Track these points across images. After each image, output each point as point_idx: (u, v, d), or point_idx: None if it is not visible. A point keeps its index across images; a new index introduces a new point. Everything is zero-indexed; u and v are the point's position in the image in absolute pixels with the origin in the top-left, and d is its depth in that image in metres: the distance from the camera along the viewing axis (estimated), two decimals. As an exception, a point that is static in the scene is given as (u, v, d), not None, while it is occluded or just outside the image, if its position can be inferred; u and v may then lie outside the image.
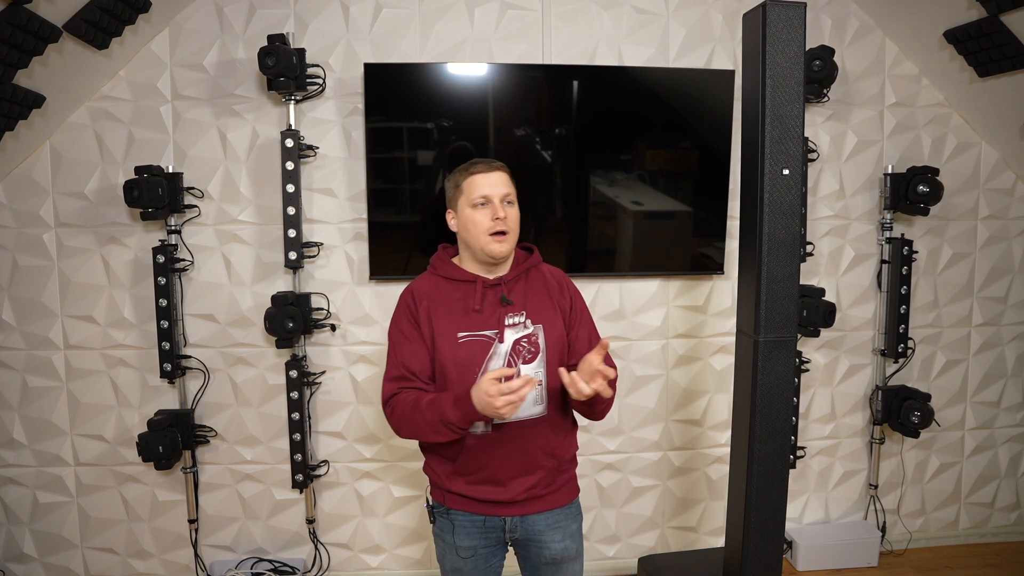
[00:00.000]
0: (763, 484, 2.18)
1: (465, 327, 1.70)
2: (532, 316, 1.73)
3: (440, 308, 1.72)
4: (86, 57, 2.48)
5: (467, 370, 1.68)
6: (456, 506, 1.79)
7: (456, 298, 1.73)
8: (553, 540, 1.80)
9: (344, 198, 2.80)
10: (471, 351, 1.69)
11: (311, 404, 2.86)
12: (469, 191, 1.72)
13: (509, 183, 1.75)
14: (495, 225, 1.69)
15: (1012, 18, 2.47)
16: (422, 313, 1.72)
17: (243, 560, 2.94)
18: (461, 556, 1.79)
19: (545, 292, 1.79)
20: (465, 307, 1.72)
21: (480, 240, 1.71)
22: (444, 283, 1.76)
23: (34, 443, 2.84)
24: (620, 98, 2.79)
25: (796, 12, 2.03)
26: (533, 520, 1.79)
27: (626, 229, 2.89)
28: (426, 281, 1.79)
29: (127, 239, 2.77)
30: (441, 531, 1.83)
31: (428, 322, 1.72)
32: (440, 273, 1.78)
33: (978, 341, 3.21)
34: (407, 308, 1.75)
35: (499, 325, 1.70)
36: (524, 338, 1.71)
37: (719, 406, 3.06)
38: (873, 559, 3.09)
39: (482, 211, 1.70)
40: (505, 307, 1.72)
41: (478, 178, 1.72)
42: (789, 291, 2.13)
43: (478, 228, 1.70)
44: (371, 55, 2.73)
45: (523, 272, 1.79)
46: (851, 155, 3.01)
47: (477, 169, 1.73)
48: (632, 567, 3.03)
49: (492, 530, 1.79)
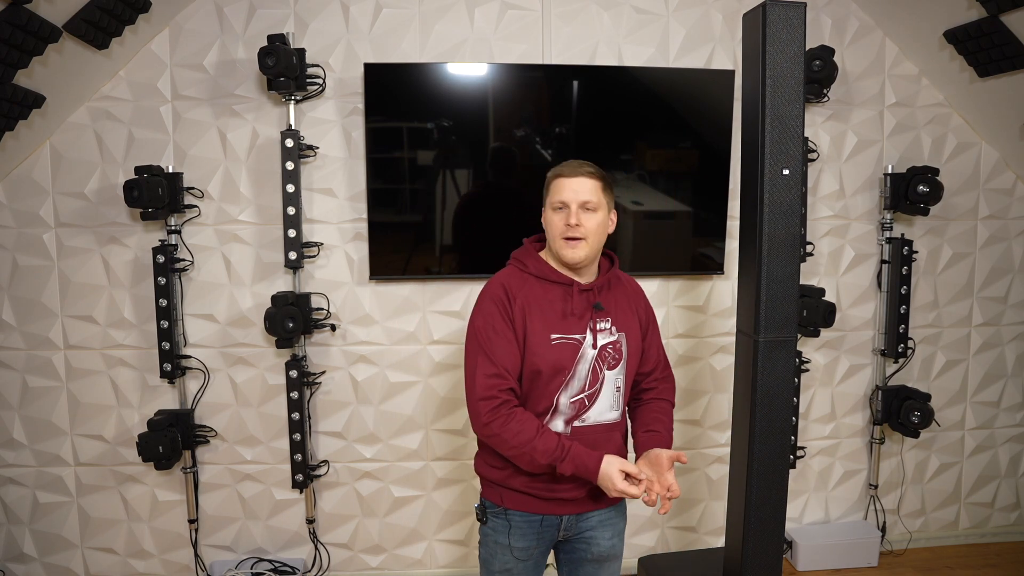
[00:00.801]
0: (763, 484, 2.18)
1: (559, 329, 1.70)
2: (617, 323, 1.77)
3: (535, 307, 1.71)
4: (86, 57, 2.48)
5: (558, 371, 1.69)
6: (514, 506, 1.77)
7: (551, 299, 1.72)
8: (603, 537, 1.82)
9: (344, 198, 2.80)
10: (562, 353, 1.70)
11: (311, 404, 2.86)
12: (553, 192, 1.72)
13: (594, 189, 1.71)
14: (566, 231, 1.69)
15: (1012, 18, 2.47)
16: (516, 309, 1.70)
17: (243, 560, 2.94)
18: (517, 557, 1.79)
19: (627, 301, 1.82)
20: (561, 309, 1.72)
21: (555, 243, 1.72)
22: (536, 281, 1.74)
23: (34, 443, 2.84)
24: (620, 98, 2.79)
25: (796, 12, 2.03)
26: (587, 517, 1.80)
27: (626, 229, 2.89)
28: (516, 277, 1.76)
29: (127, 239, 2.77)
30: (494, 531, 1.80)
31: (522, 319, 1.69)
32: (531, 271, 1.75)
33: (978, 341, 3.21)
34: (500, 302, 1.71)
35: (588, 330, 1.72)
36: (610, 345, 1.74)
37: (719, 406, 3.06)
38: (873, 559, 3.09)
39: (559, 215, 1.70)
40: (596, 313, 1.74)
41: (561, 181, 1.71)
42: (789, 291, 2.13)
43: (553, 231, 1.72)
44: (371, 55, 2.73)
45: (609, 279, 1.80)
46: (851, 155, 3.01)
47: (563, 172, 1.72)
48: (632, 567, 3.02)
49: (548, 529, 1.79)
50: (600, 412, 1.75)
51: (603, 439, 1.76)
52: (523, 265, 1.77)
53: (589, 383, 1.72)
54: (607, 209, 1.75)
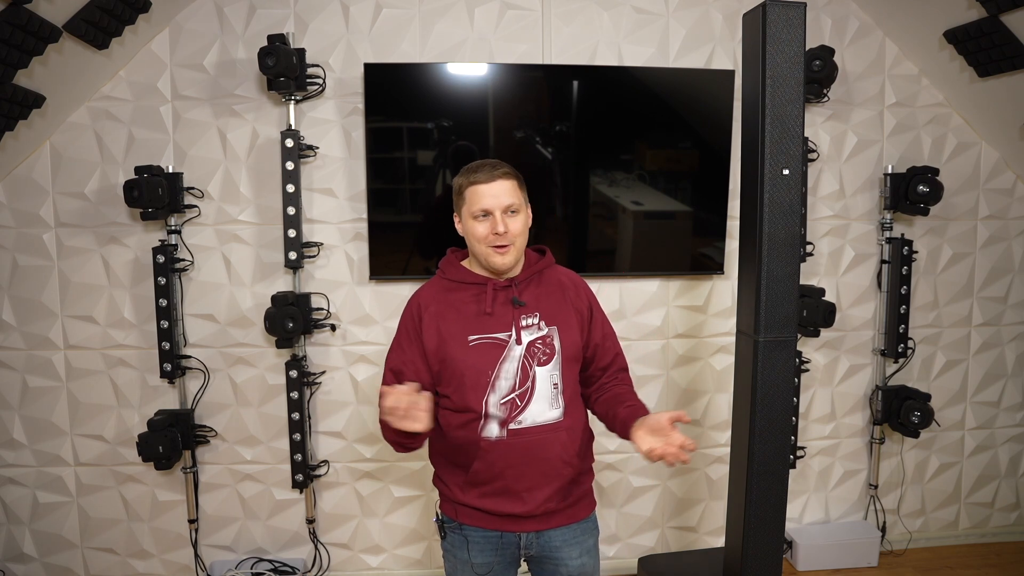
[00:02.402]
0: (763, 484, 2.19)
1: (476, 330, 1.67)
2: (546, 318, 1.70)
3: (450, 312, 1.69)
4: (86, 57, 2.48)
5: (481, 373, 1.65)
6: (469, 521, 1.72)
7: (466, 301, 1.70)
8: (570, 557, 1.75)
9: (344, 198, 2.80)
10: (483, 353, 1.66)
11: (311, 404, 2.86)
12: (471, 201, 1.65)
13: (513, 191, 1.66)
14: (495, 239, 1.64)
15: (1012, 18, 2.47)
16: (427, 321, 1.69)
17: (243, 560, 2.94)
18: (478, 573, 1.74)
19: (560, 294, 1.76)
20: (476, 310, 1.68)
21: (481, 251, 1.67)
22: (454, 286, 1.72)
23: (34, 443, 2.84)
24: (620, 98, 2.79)
25: (796, 12, 2.03)
26: (549, 536, 1.74)
27: (626, 229, 2.89)
28: (435, 286, 1.76)
29: (127, 239, 2.77)
30: (453, 547, 1.77)
31: (435, 328, 1.68)
32: (449, 276, 1.74)
33: (978, 341, 3.21)
34: (410, 318, 1.72)
35: (513, 327, 1.67)
36: (539, 340, 1.68)
37: (719, 406, 3.06)
38: (873, 559, 3.09)
39: (483, 223, 1.65)
40: (518, 309, 1.69)
41: (479, 188, 1.64)
42: (789, 291, 2.13)
43: (478, 240, 1.66)
44: (371, 55, 2.73)
45: (535, 273, 1.75)
46: (851, 155, 3.01)
47: (478, 178, 1.65)
48: (632, 567, 3.02)
49: (507, 546, 1.74)
50: (537, 412, 1.66)
51: (545, 441, 1.67)
52: (443, 273, 1.77)
53: (519, 382, 1.65)
54: (526, 206, 1.71)
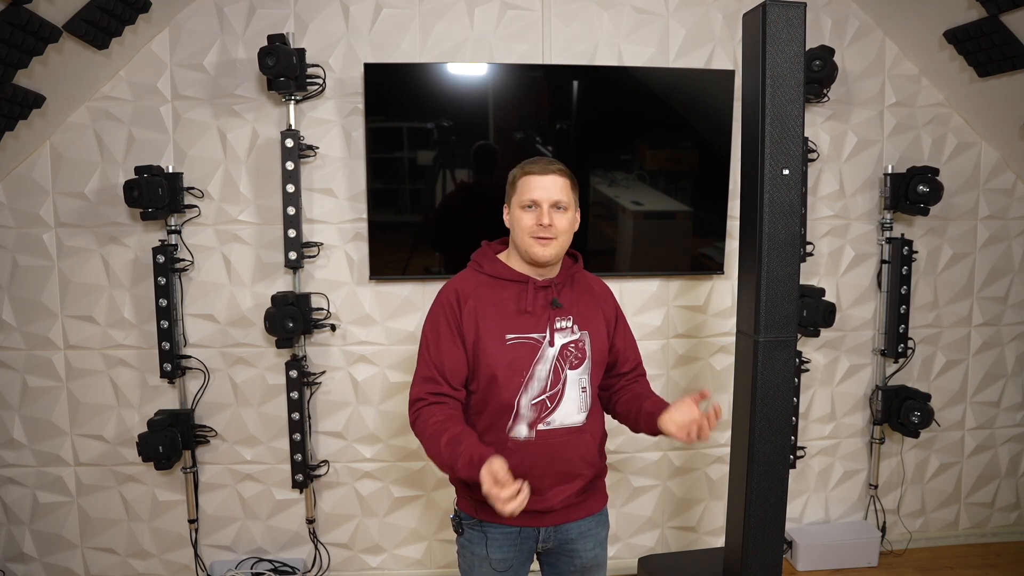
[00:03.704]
0: (763, 484, 2.19)
1: (514, 328, 1.66)
2: (579, 322, 1.72)
3: (488, 308, 1.67)
4: (86, 57, 2.48)
5: (516, 372, 1.65)
6: (489, 518, 1.71)
7: (505, 298, 1.68)
8: (585, 548, 1.78)
9: (344, 198, 2.80)
10: (518, 353, 1.65)
11: (311, 404, 2.86)
12: (521, 191, 1.68)
13: (565, 189, 1.68)
14: (538, 230, 1.65)
15: (1012, 18, 2.47)
16: (467, 312, 1.66)
17: (243, 560, 2.94)
18: (496, 569, 1.74)
19: (591, 299, 1.78)
20: (516, 307, 1.67)
21: (524, 241, 1.67)
22: (491, 281, 1.71)
23: (34, 443, 2.84)
24: (620, 98, 2.79)
25: (796, 12, 2.03)
26: (567, 529, 1.76)
27: (626, 229, 2.89)
28: (471, 279, 1.73)
29: (127, 239, 2.77)
30: (471, 543, 1.76)
31: (473, 322, 1.66)
32: (487, 271, 1.72)
33: (978, 341, 3.21)
34: (449, 307, 1.68)
35: (548, 328, 1.67)
36: (572, 343, 1.69)
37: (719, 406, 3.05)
38: (873, 559, 3.09)
39: (529, 214, 1.66)
40: (555, 310, 1.69)
41: (532, 179, 1.67)
42: (789, 291, 2.13)
43: (522, 230, 1.67)
44: (371, 55, 2.73)
45: (570, 277, 1.76)
46: (851, 155, 3.01)
47: (533, 169, 1.68)
48: (632, 567, 3.02)
49: (525, 541, 1.75)
50: (566, 415, 1.69)
51: (570, 443, 1.69)
52: (479, 266, 1.75)
53: (550, 384, 1.66)
54: (575, 208, 1.73)
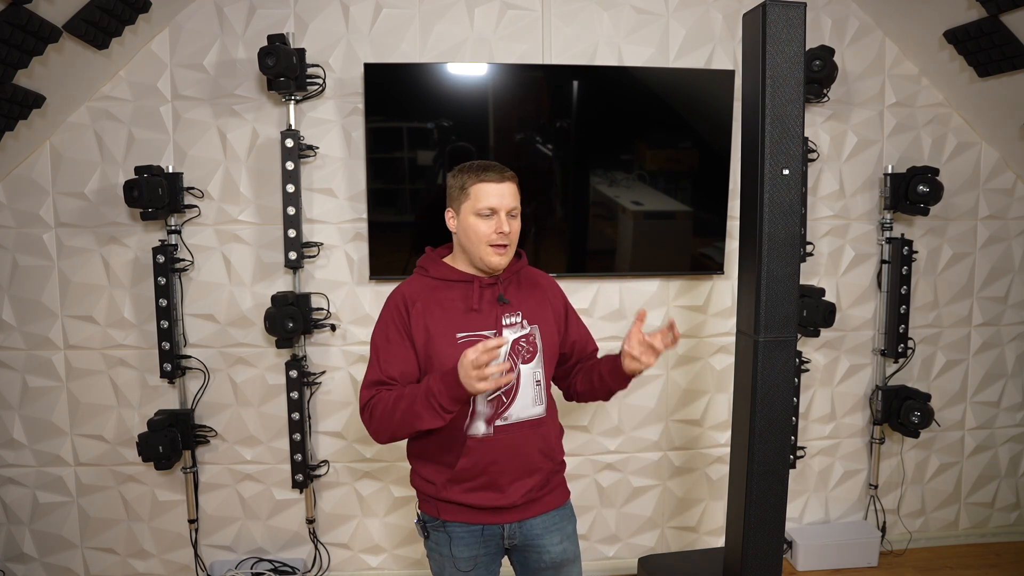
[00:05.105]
0: (763, 484, 2.19)
1: (464, 327, 1.67)
2: (528, 316, 1.74)
3: (435, 309, 1.68)
4: (86, 57, 2.48)
5: None
6: (451, 517, 1.74)
7: (452, 298, 1.70)
8: (552, 543, 1.79)
9: (344, 198, 2.80)
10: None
11: (311, 404, 2.86)
12: (476, 198, 1.67)
13: (516, 195, 1.70)
14: (498, 239, 1.66)
15: (1012, 18, 2.47)
16: (415, 315, 1.68)
17: (243, 560, 2.94)
18: (461, 569, 1.75)
19: (539, 294, 1.81)
20: (463, 307, 1.69)
21: (480, 250, 1.68)
22: (438, 284, 1.73)
23: (34, 443, 2.84)
24: (620, 98, 2.79)
25: (796, 12, 2.03)
26: (531, 524, 1.78)
27: (626, 229, 2.89)
28: (417, 283, 1.75)
29: (127, 239, 2.77)
30: (437, 545, 1.78)
31: (423, 324, 1.67)
32: (432, 275, 1.74)
33: (978, 341, 3.21)
34: (396, 311, 1.69)
35: (497, 325, 1.69)
36: (522, 338, 1.71)
37: (719, 406, 3.06)
38: (873, 559, 3.09)
39: (486, 222, 1.66)
40: (502, 307, 1.71)
41: (489, 187, 1.66)
42: (789, 291, 2.13)
43: (479, 238, 1.67)
44: (371, 55, 2.73)
45: (514, 273, 1.79)
46: (851, 155, 3.01)
47: (489, 177, 1.67)
48: (632, 567, 3.03)
49: (491, 538, 1.76)
50: (522, 408, 1.71)
51: (529, 436, 1.71)
52: (424, 271, 1.76)
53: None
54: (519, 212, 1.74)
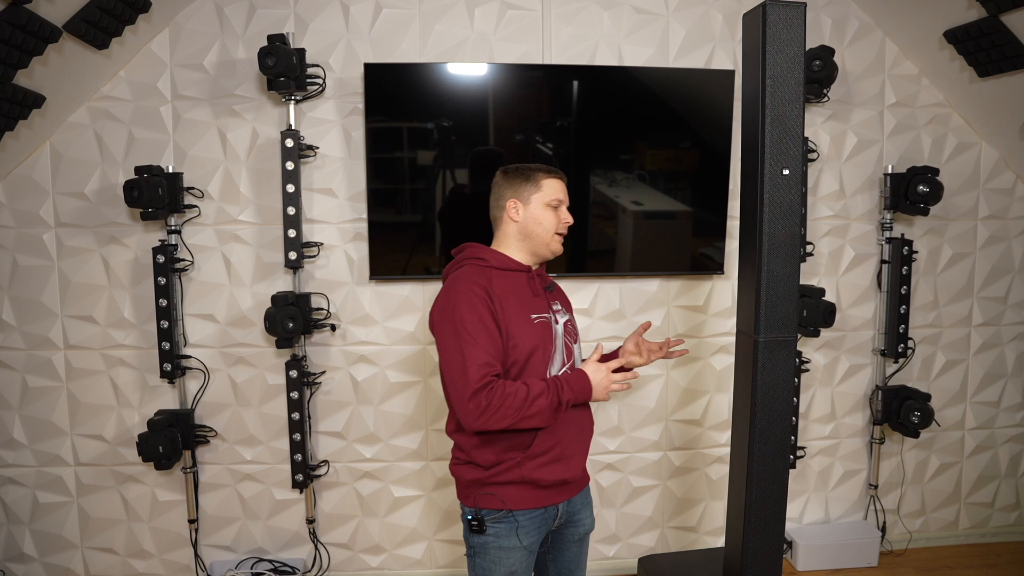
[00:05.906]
0: (763, 484, 2.18)
1: (534, 309, 1.81)
2: (564, 305, 1.94)
3: (509, 294, 1.78)
4: (86, 57, 2.48)
5: (545, 348, 1.78)
6: (518, 505, 1.77)
7: (516, 285, 1.82)
8: (586, 516, 1.94)
9: (344, 198, 2.80)
10: (542, 331, 1.80)
11: (311, 404, 2.86)
12: (548, 190, 1.83)
13: None
14: (563, 228, 1.85)
15: (1012, 18, 2.47)
16: (496, 302, 1.74)
17: (243, 560, 2.94)
18: (529, 550, 1.80)
19: (556, 287, 1.98)
20: (530, 292, 1.83)
21: (548, 237, 1.84)
22: (500, 273, 1.81)
23: (34, 443, 2.84)
24: (620, 98, 2.79)
25: (796, 12, 2.03)
26: (575, 500, 1.89)
27: (626, 229, 2.89)
28: (484, 273, 1.79)
29: (127, 239, 2.77)
30: (497, 537, 1.78)
31: (502, 310, 1.74)
32: (494, 264, 1.82)
33: (978, 341, 3.21)
34: (480, 298, 1.72)
35: (550, 309, 1.85)
36: (567, 321, 1.89)
37: (719, 406, 3.06)
38: (873, 559, 3.09)
39: (554, 213, 1.84)
40: (549, 295, 1.89)
41: (557, 182, 1.85)
42: (789, 291, 2.13)
43: (550, 226, 1.83)
44: (371, 55, 2.74)
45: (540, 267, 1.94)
46: (851, 155, 3.01)
47: (556, 174, 1.87)
48: (632, 567, 3.03)
49: (547, 522, 1.83)
50: None
51: (584, 410, 1.87)
52: (484, 261, 1.82)
53: (566, 356, 1.84)
54: None
